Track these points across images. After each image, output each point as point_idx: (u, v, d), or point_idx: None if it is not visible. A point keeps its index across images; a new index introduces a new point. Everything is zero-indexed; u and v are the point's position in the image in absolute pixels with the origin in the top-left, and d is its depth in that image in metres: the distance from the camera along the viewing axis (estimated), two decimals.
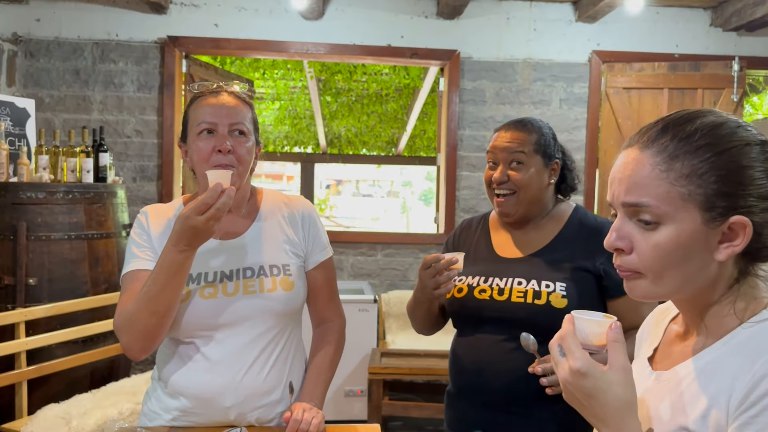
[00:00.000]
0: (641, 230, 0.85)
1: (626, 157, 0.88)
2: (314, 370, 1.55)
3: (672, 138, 0.84)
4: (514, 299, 1.52)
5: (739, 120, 0.87)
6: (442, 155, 4.44)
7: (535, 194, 1.59)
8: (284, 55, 4.39)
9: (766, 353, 0.78)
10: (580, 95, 4.31)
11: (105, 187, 3.21)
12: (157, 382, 1.50)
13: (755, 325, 0.84)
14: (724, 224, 0.83)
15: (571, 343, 0.84)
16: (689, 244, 0.83)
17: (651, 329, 1.05)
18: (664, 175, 0.83)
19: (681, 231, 0.83)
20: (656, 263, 0.84)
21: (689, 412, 0.83)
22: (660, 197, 0.83)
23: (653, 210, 0.83)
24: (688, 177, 0.82)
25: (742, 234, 0.82)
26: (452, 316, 1.68)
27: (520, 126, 1.61)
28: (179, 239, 1.29)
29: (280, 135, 8.38)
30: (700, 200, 0.82)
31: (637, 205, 0.84)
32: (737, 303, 0.86)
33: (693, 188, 0.82)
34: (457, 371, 1.65)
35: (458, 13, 4.17)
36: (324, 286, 1.60)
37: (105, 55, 4.06)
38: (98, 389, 2.86)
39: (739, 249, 0.83)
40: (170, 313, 1.36)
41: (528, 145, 1.58)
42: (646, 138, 0.87)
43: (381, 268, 4.42)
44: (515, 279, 1.55)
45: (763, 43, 4.31)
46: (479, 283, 1.58)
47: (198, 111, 1.45)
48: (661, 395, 0.89)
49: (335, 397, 3.79)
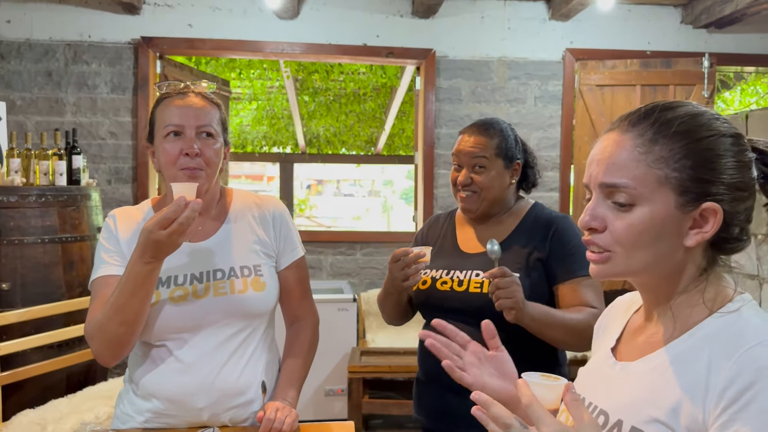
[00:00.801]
0: (615, 211, 0.87)
1: (607, 140, 0.90)
2: (287, 369, 1.56)
3: (653, 123, 0.87)
4: (471, 290, 1.62)
5: (715, 113, 0.90)
6: (419, 154, 4.45)
7: (497, 194, 1.70)
8: (259, 55, 4.38)
9: (742, 347, 0.79)
10: (554, 93, 4.35)
11: (79, 190, 3.18)
12: (129, 385, 1.50)
13: (725, 316, 0.85)
14: (696, 210, 0.85)
15: (539, 410, 0.80)
16: (661, 226, 0.85)
17: (612, 320, 1.06)
18: (643, 157, 0.85)
19: (655, 212, 0.85)
20: (628, 242, 0.86)
21: (661, 404, 0.83)
22: (637, 178, 0.85)
23: (630, 191, 0.85)
24: (666, 160, 0.85)
25: (713, 220, 0.85)
26: (418, 306, 1.79)
27: (482, 130, 1.70)
28: (143, 252, 1.28)
29: (258, 135, 8.34)
30: (675, 184, 0.84)
31: (615, 186, 0.86)
32: (706, 293, 0.88)
33: (669, 171, 0.85)
34: (424, 359, 1.74)
35: (433, 12, 4.19)
36: (296, 285, 1.60)
37: (77, 56, 4.02)
38: (74, 394, 2.83)
39: (708, 236, 0.85)
40: (139, 321, 1.35)
41: (489, 150, 1.68)
42: (628, 122, 0.89)
43: (360, 267, 4.42)
44: (474, 271, 1.65)
45: (732, 39, 4.38)
46: (441, 276, 1.69)
47: (165, 113, 1.44)
48: (630, 386, 0.90)
49: (315, 397, 3.80)
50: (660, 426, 0.82)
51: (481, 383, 1.06)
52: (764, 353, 0.78)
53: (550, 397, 0.85)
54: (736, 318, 0.85)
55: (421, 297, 1.72)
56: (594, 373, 1.00)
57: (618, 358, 0.97)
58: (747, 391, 0.76)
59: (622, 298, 1.08)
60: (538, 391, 0.84)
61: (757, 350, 0.78)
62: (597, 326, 1.11)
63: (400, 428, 3.81)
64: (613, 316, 1.07)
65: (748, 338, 0.80)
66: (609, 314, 1.09)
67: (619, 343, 1.00)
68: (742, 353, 0.78)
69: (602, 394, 0.94)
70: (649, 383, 0.87)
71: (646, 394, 0.86)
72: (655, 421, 0.83)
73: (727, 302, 0.87)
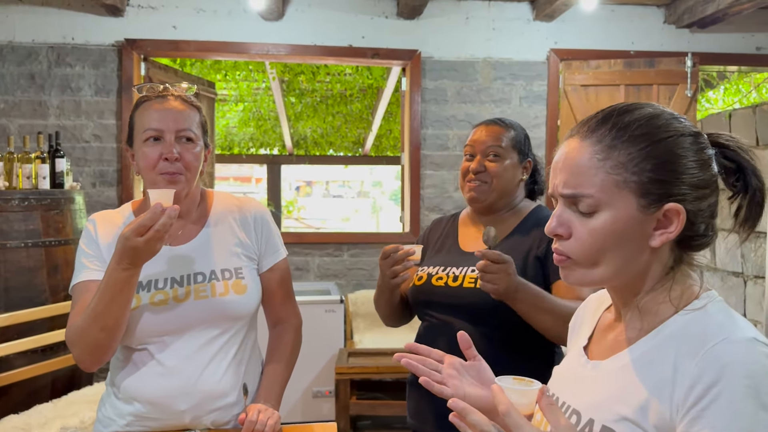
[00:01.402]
0: (579, 218, 0.88)
1: (567, 147, 0.90)
2: (270, 371, 1.56)
3: (611, 128, 0.87)
4: (465, 285, 1.59)
5: (674, 113, 0.91)
6: (405, 155, 4.46)
7: (506, 186, 1.69)
8: (244, 57, 4.37)
9: (707, 344, 0.80)
10: (539, 93, 4.37)
11: (62, 193, 3.16)
12: (111, 388, 1.49)
13: (690, 313, 0.86)
14: (659, 211, 0.85)
15: (517, 417, 0.80)
16: (625, 230, 0.86)
17: (585, 318, 1.06)
18: (601, 164, 0.86)
19: (617, 217, 0.85)
20: (592, 248, 0.87)
21: (630, 402, 0.84)
22: (596, 186, 0.86)
23: (589, 201, 0.86)
24: (624, 165, 0.85)
25: (677, 221, 0.85)
26: (413, 303, 1.76)
27: (499, 122, 1.72)
28: (121, 259, 1.28)
29: (245, 137, 8.33)
30: (635, 187, 0.85)
31: (575, 197, 0.87)
32: (672, 291, 0.88)
33: (628, 175, 0.85)
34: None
35: (418, 13, 4.20)
36: (279, 287, 1.60)
37: (61, 59, 4.00)
38: (59, 399, 2.82)
39: (673, 236, 0.86)
40: (120, 327, 1.35)
41: (505, 139, 1.68)
42: (586, 128, 0.89)
43: (347, 268, 4.42)
44: (470, 267, 1.62)
45: (714, 39, 4.42)
46: (437, 272, 1.67)
47: (144, 117, 1.43)
48: (600, 385, 0.90)
49: (303, 399, 3.79)
50: (629, 424, 0.83)
51: (462, 393, 1.05)
52: (728, 350, 0.78)
53: (524, 401, 0.85)
54: (702, 315, 0.85)
55: (416, 293, 1.71)
56: (567, 372, 1.01)
57: (590, 356, 0.98)
58: (712, 388, 0.76)
59: (595, 295, 1.09)
60: (513, 396, 0.84)
61: (721, 347, 0.79)
62: (572, 324, 1.11)
63: (388, 429, 3.81)
64: (585, 313, 1.08)
65: (712, 335, 0.81)
66: (582, 312, 1.10)
67: (590, 341, 1.01)
68: (707, 350, 0.79)
69: (575, 393, 0.94)
70: (619, 382, 0.87)
71: (616, 393, 0.87)
72: (625, 419, 0.83)
73: (693, 299, 0.88)
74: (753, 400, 0.75)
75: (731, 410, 0.75)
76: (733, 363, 0.77)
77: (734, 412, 0.74)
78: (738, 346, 0.78)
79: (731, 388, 0.75)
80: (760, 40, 4.45)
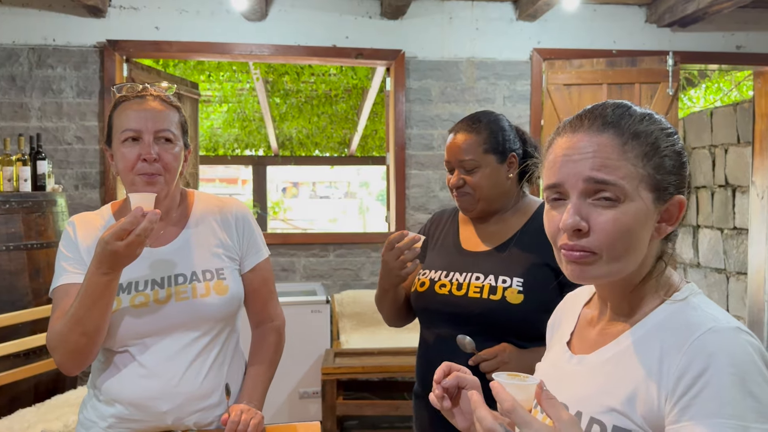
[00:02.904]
0: (599, 210, 0.86)
1: (577, 142, 0.88)
2: (253, 371, 1.55)
3: (627, 122, 0.88)
4: (471, 295, 1.52)
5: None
6: (390, 155, 4.47)
7: (491, 192, 1.59)
8: (227, 57, 4.35)
9: (693, 335, 0.81)
10: (522, 93, 4.39)
11: (44, 196, 3.13)
12: (93, 390, 1.48)
13: (674, 305, 0.88)
14: (666, 204, 0.88)
15: (524, 414, 0.79)
16: (642, 224, 0.87)
17: (564, 315, 1.08)
18: (626, 156, 0.87)
19: (638, 210, 0.86)
20: (614, 242, 0.86)
21: (617, 394, 0.85)
22: (625, 177, 0.86)
23: (618, 188, 0.85)
24: (647, 157, 0.87)
25: (679, 213, 0.88)
26: (416, 310, 1.68)
27: (468, 127, 1.60)
28: (101, 263, 1.26)
29: (229, 138, 8.29)
30: (652, 181, 0.87)
31: (605, 182, 0.85)
32: (658, 282, 0.91)
33: (650, 170, 0.87)
34: (420, 369, 1.66)
35: (401, 13, 4.21)
36: (261, 287, 1.59)
37: (42, 60, 3.96)
38: (42, 403, 2.79)
39: (675, 226, 0.89)
40: (100, 331, 1.34)
41: (477, 148, 1.57)
42: (598, 123, 0.89)
43: (333, 268, 4.42)
44: (474, 274, 1.55)
45: (695, 38, 4.47)
46: (440, 278, 1.59)
47: (122, 117, 1.42)
48: (587, 378, 0.91)
49: (290, 399, 3.79)
50: (617, 415, 0.84)
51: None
52: (714, 339, 0.80)
53: (522, 396, 0.84)
54: (685, 306, 0.87)
55: (419, 300, 1.63)
56: (551, 368, 1.02)
57: (573, 351, 0.99)
58: (699, 378, 0.78)
59: (572, 294, 1.10)
60: (512, 392, 0.83)
61: (707, 337, 0.80)
62: (550, 323, 1.12)
63: (375, 429, 3.81)
64: (565, 311, 1.09)
65: (698, 326, 0.82)
66: (561, 310, 1.11)
67: (573, 336, 1.02)
68: (693, 341, 0.81)
69: (561, 388, 0.94)
70: (605, 374, 0.89)
71: (603, 385, 0.88)
72: (612, 410, 0.85)
73: (675, 291, 0.90)
74: (739, 387, 0.76)
75: (719, 398, 0.77)
76: (719, 352, 0.78)
77: (722, 400, 0.76)
78: (723, 336, 0.80)
79: (718, 377, 0.77)
80: (740, 39, 4.50)
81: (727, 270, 5.41)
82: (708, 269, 5.66)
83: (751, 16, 4.48)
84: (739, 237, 5.23)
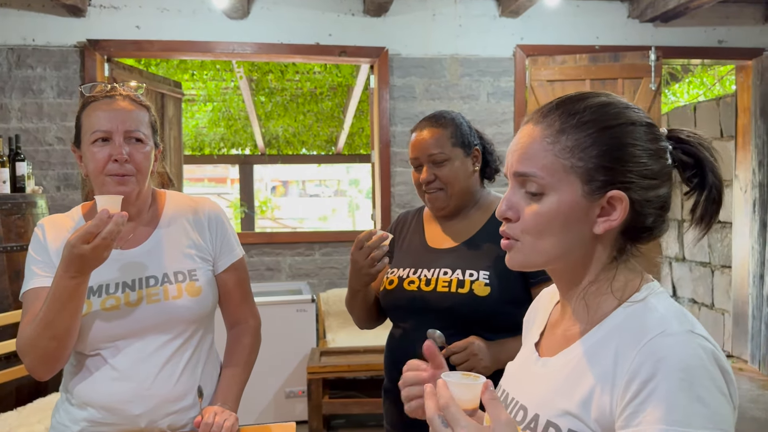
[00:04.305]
0: (527, 200, 0.88)
1: (522, 132, 0.92)
2: (228, 372, 1.54)
3: (562, 113, 0.88)
4: (439, 289, 1.54)
5: (628, 103, 0.91)
6: (375, 152, 4.46)
7: (463, 185, 1.62)
8: (209, 56, 4.33)
9: (645, 337, 0.80)
10: (506, 89, 4.39)
11: (23, 198, 3.10)
12: (65, 394, 1.47)
13: (632, 306, 0.86)
14: (603, 198, 0.86)
15: (455, 411, 0.80)
16: (569, 214, 0.86)
17: (538, 313, 1.07)
18: (551, 147, 0.87)
19: (562, 201, 0.86)
20: (535, 230, 0.87)
21: (573, 397, 0.85)
22: (545, 168, 0.86)
23: (538, 180, 0.87)
24: (572, 150, 0.86)
25: (620, 208, 0.86)
26: (385, 308, 1.70)
27: (433, 123, 1.63)
28: (68, 267, 1.25)
29: (215, 137, 8.24)
30: (581, 172, 0.86)
31: (525, 175, 0.88)
32: (615, 282, 0.89)
33: (575, 161, 0.86)
34: (389, 365, 1.67)
35: (384, 10, 4.20)
36: (235, 288, 1.57)
37: (21, 60, 3.92)
38: (24, 406, 2.76)
39: (616, 224, 0.86)
40: (71, 335, 1.33)
41: (446, 140, 1.60)
42: (540, 114, 0.91)
43: (319, 267, 4.41)
44: (441, 269, 1.57)
45: (677, 33, 4.48)
46: (409, 275, 1.61)
47: (91, 117, 1.40)
48: (548, 381, 0.91)
49: (276, 399, 3.78)
50: (571, 418, 0.84)
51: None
52: (664, 343, 0.79)
53: (469, 396, 0.84)
54: (642, 307, 0.86)
55: (388, 297, 1.64)
56: (518, 369, 1.01)
57: (540, 353, 0.98)
58: (648, 383, 0.77)
59: (547, 290, 1.09)
60: (457, 390, 0.84)
61: (658, 340, 0.79)
62: (526, 319, 1.12)
63: (362, 427, 3.81)
64: (538, 308, 1.08)
65: (650, 328, 0.81)
66: (535, 307, 1.10)
67: (542, 337, 1.01)
68: (645, 344, 0.79)
69: (524, 390, 0.95)
70: (564, 377, 0.88)
71: (560, 388, 0.87)
72: (567, 413, 0.84)
73: (635, 292, 0.88)
74: (687, 393, 0.75)
75: (666, 404, 0.75)
76: (669, 356, 0.77)
77: (669, 405, 0.75)
78: (674, 339, 0.79)
79: (666, 381, 0.76)
80: (721, 34, 4.52)
81: (712, 264, 5.44)
82: (693, 263, 5.70)
83: (732, 11, 4.51)
84: (723, 230, 5.26)
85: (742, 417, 3.82)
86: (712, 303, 5.44)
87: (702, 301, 5.57)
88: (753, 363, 4.68)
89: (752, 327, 4.68)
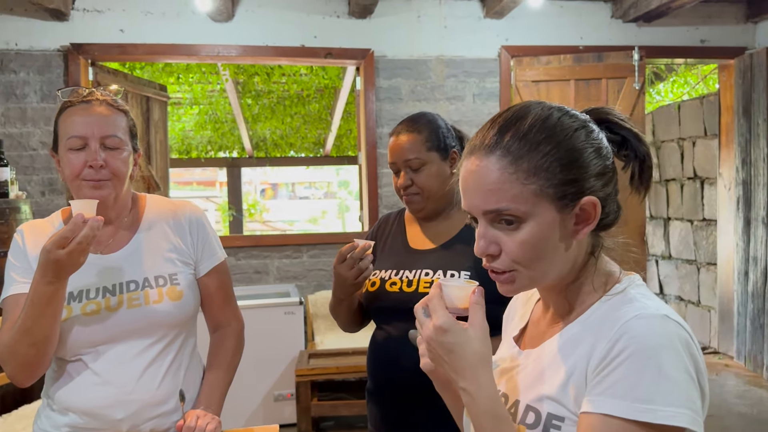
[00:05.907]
0: (505, 231, 0.87)
1: (471, 166, 0.89)
2: (211, 375, 1.54)
3: (510, 140, 0.87)
4: (421, 290, 1.54)
5: (561, 106, 0.92)
6: (362, 154, 4.46)
7: (439, 189, 1.63)
8: (194, 59, 4.32)
9: (621, 319, 0.83)
10: (491, 90, 4.41)
11: (6, 203, 3.08)
12: (46, 400, 1.46)
13: (613, 298, 0.89)
14: (576, 208, 0.87)
15: (436, 304, 0.89)
16: (551, 234, 0.87)
17: (517, 309, 1.09)
18: (513, 176, 0.85)
19: (541, 223, 0.86)
20: (526, 258, 0.87)
21: (552, 382, 0.88)
22: (516, 198, 0.85)
23: (513, 212, 0.86)
24: (535, 173, 0.85)
25: (593, 212, 0.88)
26: (368, 309, 1.70)
27: (409, 127, 1.63)
28: (45, 272, 1.24)
29: (202, 140, 8.21)
30: (551, 192, 0.86)
31: (498, 211, 0.86)
32: (596, 278, 0.92)
33: (542, 182, 0.85)
34: (372, 367, 1.67)
35: (369, 12, 4.20)
36: (218, 291, 1.57)
37: (4, 65, 3.89)
38: (9, 413, 2.74)
39: (593, 226, 0.89)
40: (50, 341, 1.32)
41: (421, 146, 1.61)
42: (487, 144, 0.88)
43: (307, 269, 4.41)
44: (423, 270, 1.58)
45: (660, 33, 4.52)
46: (390, 276, 1.61)
47: (67, 123, 1.39)
48: (529, 371, 0.94)
49: (265, 402, 3.76)
50: (550, 402, 0.87)
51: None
52: (638, 324, 0.81)
53: (458, 294, 0.92)
54: (622, 298, 0.88)
55: (371, 299, 1.65)
56: (500, 362, 1.03)
57: (522, 346, 1.01)
58: (617, 357, 0.80)
59: None
60: (453, 291, 0.92)
61: (633, 322, 0.82)
62: (505, 315, 1.14)
63: (351, 429, 3.80)
64: (517, 304, 1.11)
65: (626, 313, 0.84)
66: (515, 303, 1.12)
67: (523, 332, 1.03)
68: (621, 325, 0.82)
69: (506, 380, 0.97)
70: (545, 365, 0.91)
71: (540, 376, 0.90)
72: (546, 398, 0.87)
73: (615, 283, 0.91)
74: (653, 371, 0.77)
75: (630, 380, 0.78)
76: (640, 335, 0.80)
77: (633, 382, 0.78)
78: (648, 321, 0.81)
79: (635, 357, 0.78)
80: (703, 33, 4.57)
81: (697, 261, 5.48)
82: (679, 261, 5.74)
83: (714, 11, 4.55)
84: (708, 228, 5.30)
85: (728, 413, 3.85)
86: (698, 300, 5.49)
87: (688, 298, 5.61)
88: (739, 359, 4.72)
89: (737, 323, 4.72)
